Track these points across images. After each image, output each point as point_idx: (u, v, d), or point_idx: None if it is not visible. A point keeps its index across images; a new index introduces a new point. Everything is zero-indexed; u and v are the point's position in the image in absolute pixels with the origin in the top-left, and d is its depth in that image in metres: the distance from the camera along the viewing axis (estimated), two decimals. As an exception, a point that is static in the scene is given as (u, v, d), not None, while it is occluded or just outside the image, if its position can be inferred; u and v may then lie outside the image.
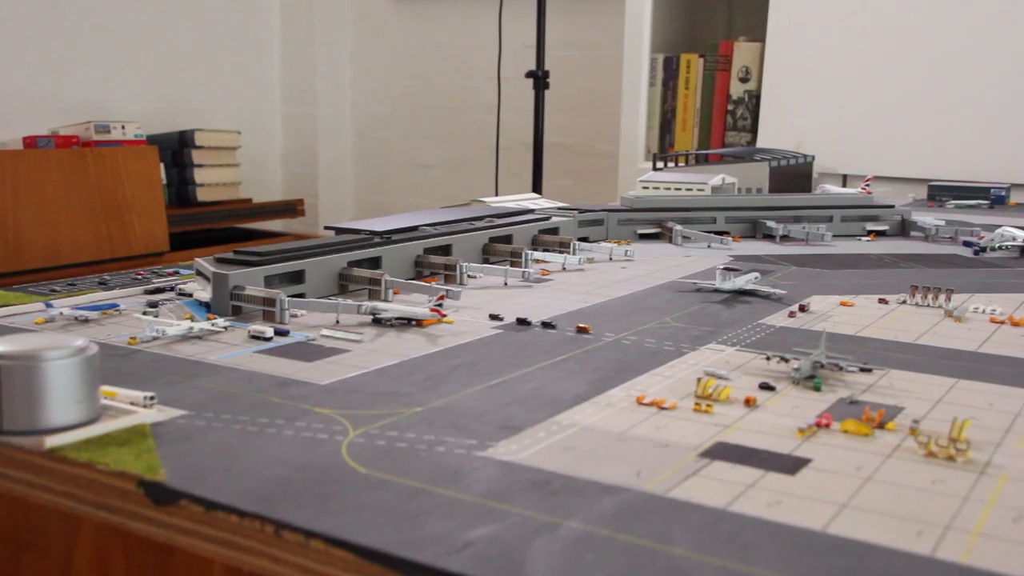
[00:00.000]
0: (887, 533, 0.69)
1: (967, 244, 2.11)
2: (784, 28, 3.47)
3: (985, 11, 3.24)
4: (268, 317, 1.29)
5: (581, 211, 2.09)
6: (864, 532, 0.69)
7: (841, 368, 1.08)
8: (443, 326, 1.28)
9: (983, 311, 1.44)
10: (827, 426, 0.92)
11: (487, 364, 1.11)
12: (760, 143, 3.51)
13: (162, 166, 4.15)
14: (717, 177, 2.76)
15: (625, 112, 3.77)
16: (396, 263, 1.59)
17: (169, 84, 4.54)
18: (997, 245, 2.03)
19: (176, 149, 4.18)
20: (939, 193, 3.07)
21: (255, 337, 1.19)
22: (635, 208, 2.16)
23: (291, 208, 4.45)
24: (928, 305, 1.49)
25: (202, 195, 4.17)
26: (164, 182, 4.17)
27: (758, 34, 3.60)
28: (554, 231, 1.95)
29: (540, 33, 3.72)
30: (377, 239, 1.60)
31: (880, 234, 2.26)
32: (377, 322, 1.28)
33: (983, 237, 2.11)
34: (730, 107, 3.62)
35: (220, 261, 1.39)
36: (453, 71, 4.82)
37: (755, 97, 3.58)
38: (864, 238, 2.20)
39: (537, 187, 3.81)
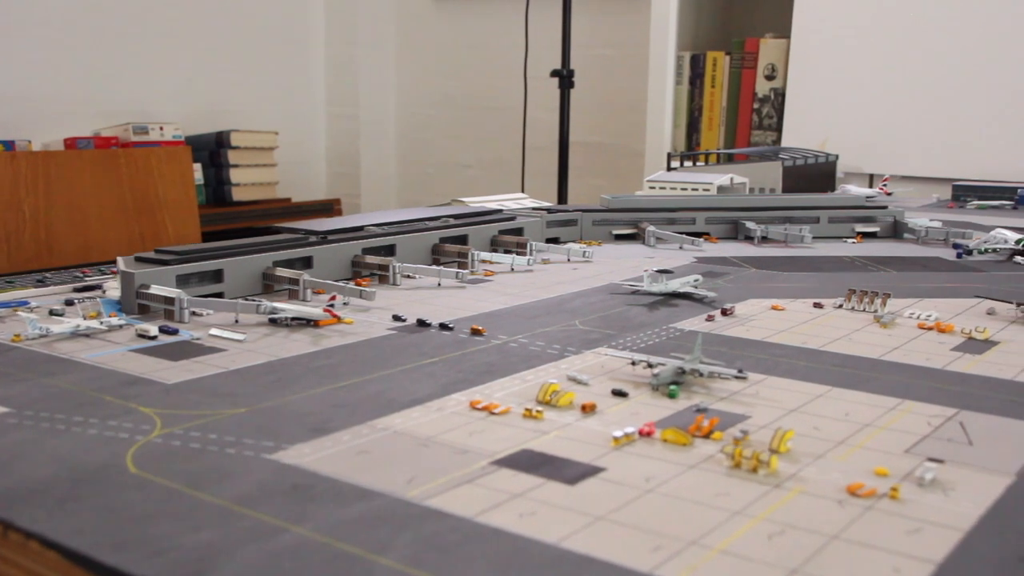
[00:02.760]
0: (622, 547, 0.67)
1: (956, 247, 2.03)
2: (809, 24, 3.39)
3: (1014, 10, 3.12)
4: (169, 316, 1.30)
5: (551, 211, 2.07)
6: (597, 546, 0.67)
7: (703, 375, 1.04)
8: (340, 327, 1.28)
9: (918, 316, 1.39)
10: (649, 435, 0.89)
11: (351, 366, 1.10)
12: (785, 142, 3.44)
13: (199, 166, 4.25)
14: (725, 177, 2.71)
15: (651, 111, 3.72)
16: (331, 263, 1.59)
17: (213, 86, 4.62)
18: (984, 248, 1.95)
19: (214, 150, 4.25)
20: (963, 193, 2.97)
21: (141, 335, 1.20)
22: (611, 208, 2.13)
23: (327, 208, 4.50)
24: (863, 310, 1.43)
25: (237, 195, 4.24)
26: (201, 182, 4.26)
27: (784, 30, 3.52)
28: (519, 231, 1.93)
29: (565, 32, 3.70)
30: (313, 239, 1.61)
31: (871, 236, 2.18)
32: (273, 322, 1.28)
33: (979, 239, 2.03)
34: (756, 105, 3.54)
35: (139, 260, 1.41)
36: (492, 71, 4.82)
37: (781, 95, 3.51)
38: (850, 240, 2.14)
39: (563, 186, 3.79)
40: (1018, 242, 1.95)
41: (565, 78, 3.71)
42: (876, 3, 3.30)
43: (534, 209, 2.14)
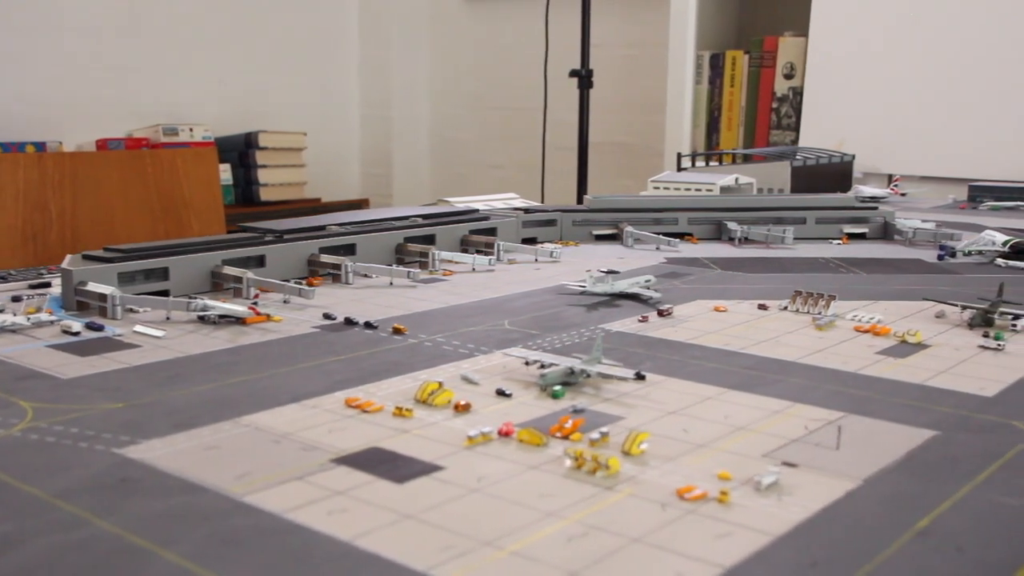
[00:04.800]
0: (412, 546, 0.66)
1: (942, 248, 1.98)
2: (827, 23, 3.33)
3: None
4: (102, 313, 1.32)
5: (528, 212, 2.06)
6: (387, 545, 0.67)
7: (590, 375, 1.03)
8: (267, 324, 1.29)
9: (859, 319, 1.36)
10: (508, 435, 0.88)
11: (253, 363, 1.11)
12: (802, 142, 3.39)
13: (229, 167, 4.32)
14: (729, 178, 2.68)
15: (670, 111, 3.69)
16: (286, 262, 1.60)
17: (249, 88, 4.67)
18: (968, 250, 1.90)
19: (243, 150, 4.31)
20: (980, 194, 2.89)
21: (65, 331, 1.23)
22: (592, 209, 2.12)
23: (356, 208, 4.54)
24: (807, 312, 1.41)
25: (265, 195, 4.30)
26: (230, 182, 4.32)
27: (803, 28, 3.46)
28: (492, 231, 1.93)
29: (585, 32, 3.68)
30: (269, 238, 1.62)
31: (860, 237, 2.14)
32: (202, 319, 1.30)
33: (967, 240, 1.98)
34: (774, 104, 3.50)
35: (87, 258, 1.44)
36: (524, 72, 4.81)
37: (799, 94, 3.45)
38: (836, 241, 2.10)
39: (582, 186, 3.77)
40: (1005, 244, 1.90)
41: (584, 78, 3.70)
42: (895, 2, 3.24)
43: (514, 209, 2.14)
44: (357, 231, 1.72)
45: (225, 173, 4.28)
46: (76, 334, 1.22)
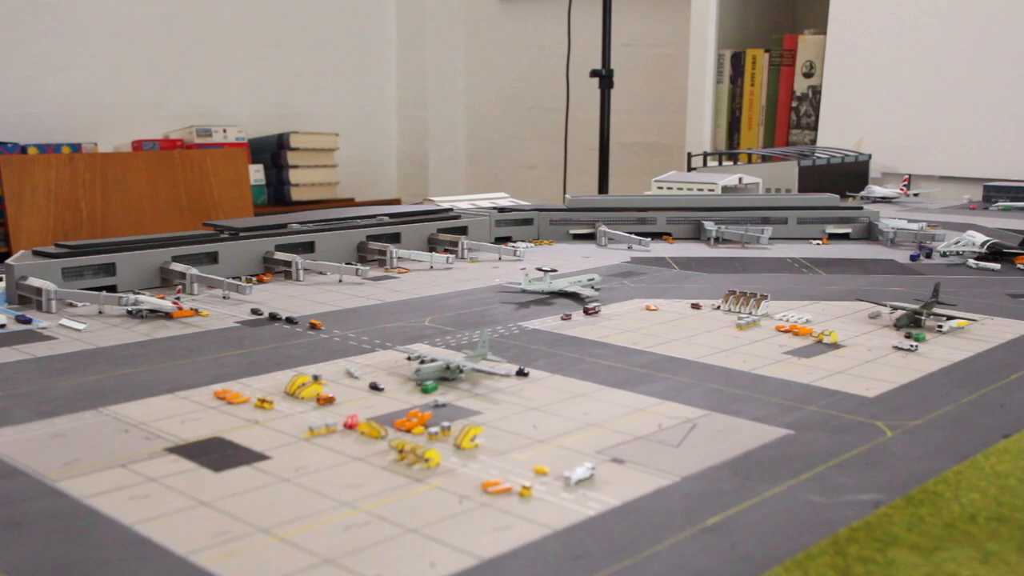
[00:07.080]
0: (188, 531, 0.68)
1: (921, 248, 1.94)
2: (845, 21, 3.28)
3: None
4: (39, 306, 1.36)
5: (503, 211, 2.07)
6: (164, 529, 0.68)
7: (463, 371, 1.04)
8: (193, 319, 1.32)
9: (787, 319, 1.34)
10: (353, 427, 0.90)
11: (153, 355, 1.14)
12: (821, 141, 3.34)
13: (262, 167, 4.40)
14: (732, 177, 2.67)
15: (691, 110, 3.67)
16: (241, 260, 1.64)
17: (288, 90, 4.74)
18: (944, 251, 1.86)
19: (275, 151, 4.39)
20: (995, 194, 2.83)
21: (-7, 324, 1.27)
22: (570, 208, 2.12)
23: (386, 208, 4.58)
24: (739, 311, 1.40)
25: (296, 195, 4.37)
26: (263, 182, 4.40)
27: (823, 26, 3.41)
28: (462, 230, 1.95)
29: (606, 31, 3.67)
30: (225, 235, 1.66)
31: (843, 237, 2.11)
32: (130, 314, 1.34)
33: (951, 241, 1.94)
34: (794, 104, 3.45)
35: (36, 253, 1.49)
36: (558, 72, 4.81)
37: (819, 93, 3.40)
38: (815, 242, 2.07)
39: (603, 186, 3.76)
40: (983, 244, 1.86)
41: (605, 78, 3.69)
42: (914, 1, 3.18)
43: (495, 208, 2.15)
44: (317, 229, 1.75)
45: (258, 173, 4.36)
46: (1, 327, 1.26)
